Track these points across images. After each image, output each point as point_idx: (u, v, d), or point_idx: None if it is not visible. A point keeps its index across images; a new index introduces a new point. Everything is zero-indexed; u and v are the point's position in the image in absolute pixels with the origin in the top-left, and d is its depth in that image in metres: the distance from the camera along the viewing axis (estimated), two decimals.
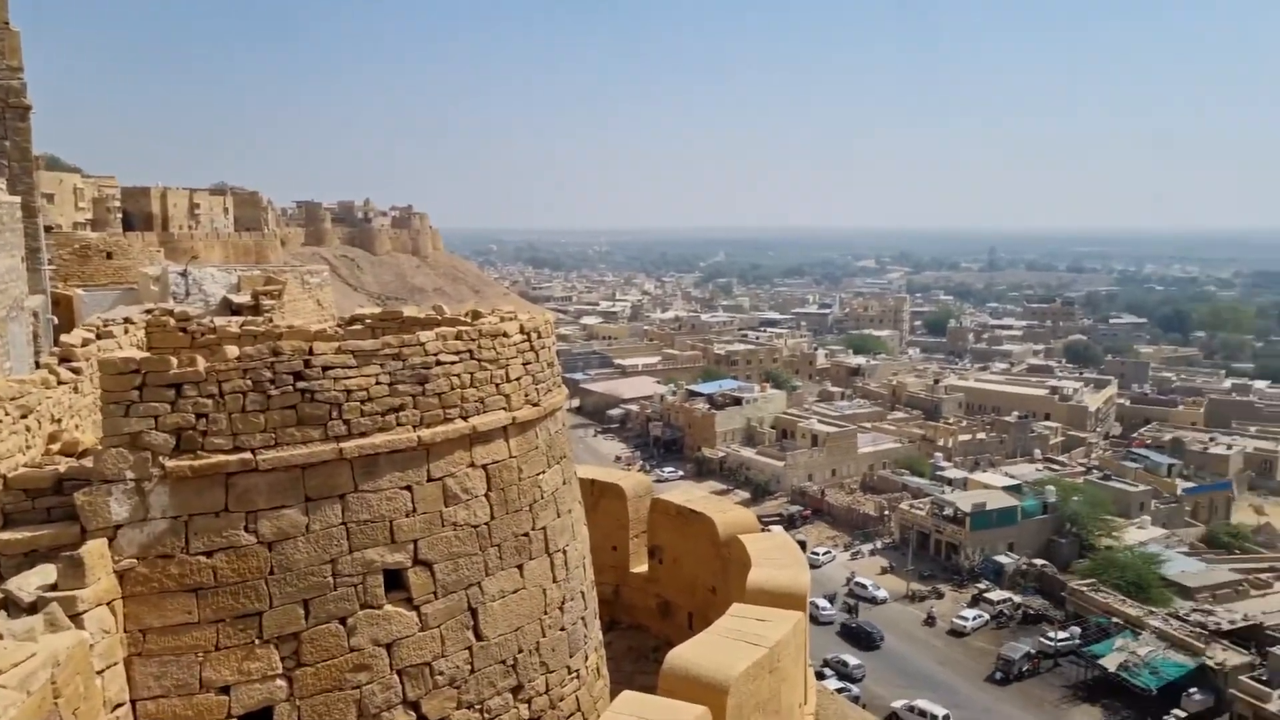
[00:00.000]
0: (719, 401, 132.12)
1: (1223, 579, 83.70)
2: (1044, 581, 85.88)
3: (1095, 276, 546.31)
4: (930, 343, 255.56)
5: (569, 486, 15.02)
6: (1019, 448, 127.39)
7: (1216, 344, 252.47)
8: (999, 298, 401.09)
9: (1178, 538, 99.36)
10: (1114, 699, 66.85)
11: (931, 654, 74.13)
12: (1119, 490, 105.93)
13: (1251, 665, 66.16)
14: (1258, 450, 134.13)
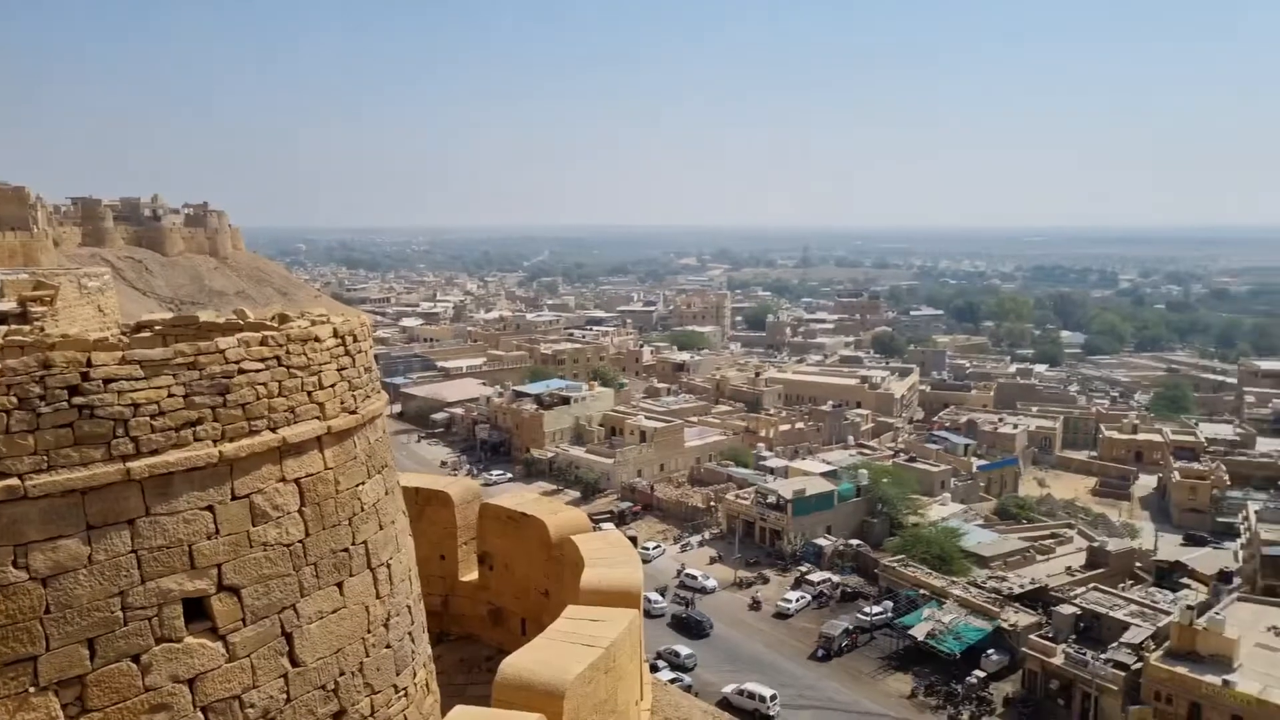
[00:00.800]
0: (547, 401, 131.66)
1: (1013, 547, 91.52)
2: (860, 560, 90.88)
3: (898, 271, 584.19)
4: (751, 337, 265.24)
5: (392, 497, 14.31)
6: (834, 435, 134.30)
7: (1002, 332, 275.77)
8: (813, 293, 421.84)
9: (974, 512, 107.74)
10: (923, 665, 71.60)
11: (759, 637, 76.86)
12: (923, 470, 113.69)
13: (1039, 624, 72.64)
14: (1039, 429, 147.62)
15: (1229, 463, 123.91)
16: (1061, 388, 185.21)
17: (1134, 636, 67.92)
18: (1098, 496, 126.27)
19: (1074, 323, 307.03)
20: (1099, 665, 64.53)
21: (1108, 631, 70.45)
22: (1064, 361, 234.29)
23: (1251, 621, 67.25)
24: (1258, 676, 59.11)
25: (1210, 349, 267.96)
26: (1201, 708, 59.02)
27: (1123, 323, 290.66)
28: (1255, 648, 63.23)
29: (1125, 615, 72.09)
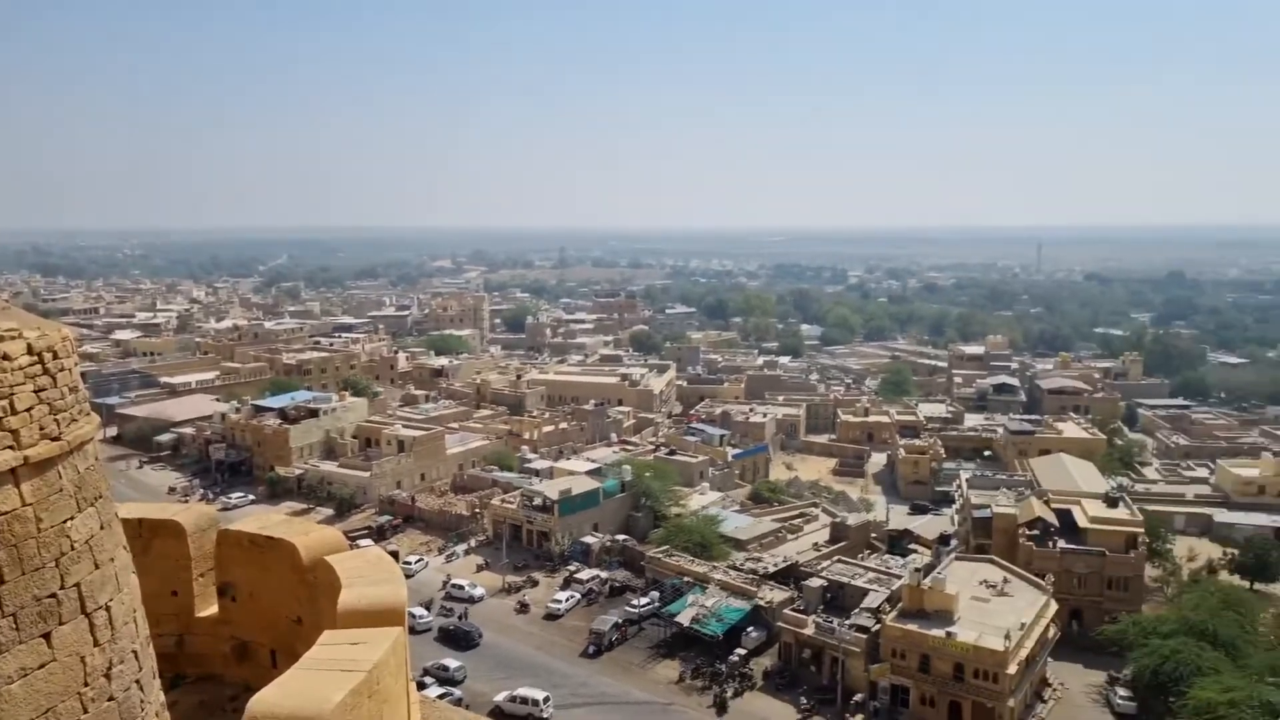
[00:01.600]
0: (292, 415, 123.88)
1: (766, 529, 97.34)
2: (627, 554, 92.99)
3: (652, 271, 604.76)
4: (510, 339, 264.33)
5: (108, 531, 12.69)
6: (598, 433, 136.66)
7: (750, 327, 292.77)
8: (571, 293, 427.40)
9: (731, 498, 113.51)
10: (689, 649, 74.43)
11: (530, 641, 76.64)
12: (682, 462, 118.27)
13: (791, 599, 77.67)
14: (786, 416, 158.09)
15: (944, 438, 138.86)
16: (803, 377, 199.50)
17: (872, 601, 74.32)
18: (838, 476, 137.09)
19: (812, 316, 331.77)
20: (844, 631, 70.00)
21: (851, 599, 76.51)
22: (804, 353, 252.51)
23: (967, 578, 75.61)
24: (973, 626, 66.55)
25: (925, 336, 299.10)
26: (930, 659, 65.59)
27: (853, 315, 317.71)
28: (971, 600, 71.17)
29: (865, 583, 78.62)
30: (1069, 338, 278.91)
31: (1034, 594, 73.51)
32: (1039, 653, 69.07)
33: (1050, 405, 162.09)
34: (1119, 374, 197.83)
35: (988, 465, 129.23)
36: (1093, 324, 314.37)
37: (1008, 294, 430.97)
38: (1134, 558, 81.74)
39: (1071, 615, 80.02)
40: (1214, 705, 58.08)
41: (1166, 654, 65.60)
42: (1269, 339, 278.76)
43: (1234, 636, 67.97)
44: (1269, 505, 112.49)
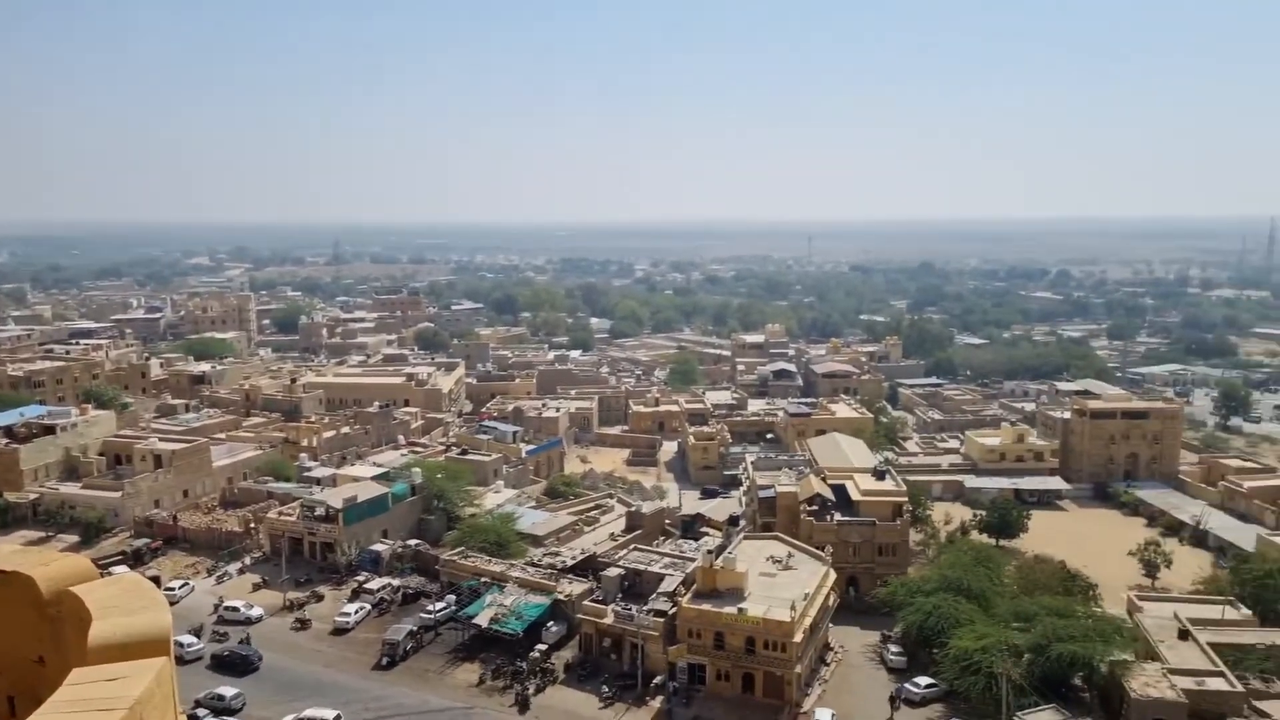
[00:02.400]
0: (22, 433, 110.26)
1: (563, 523, 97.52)
2: (420, 560, 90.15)
3: (435, 267, 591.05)
4: (282, 341, 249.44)
5: None
6: (384, 436, 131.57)
7: (539, 322, 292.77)
8: (348, 291, 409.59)
9: (526, 495, 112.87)
10: (489, 650, 73.19)
11: (317, 659, 72.54)
12: (475, 461, 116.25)
13: (590, 590, 78.24)
14: (578, 410, 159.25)
15: (730, 423, 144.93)
16: (594, 370, 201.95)
17: (669, 586, 76.29)
18: (631, 466, 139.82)
19: (601, 310, 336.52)
20: (642, 617, 71.34)
21: (648, 585, 78.14)
22: (595, 346, 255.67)
23: (755, 555, 79.14)
24: (762, 600, 69.75)
25: (709, 327, 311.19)
26: (724, 635, 68.09)
27: (640, 308, 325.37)
28: (759, 576, 74.50)
29: (661, 568, 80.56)
30: (838, 324, 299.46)
31: (815, 565, 78.01)
32: (821, 620, 73.46)
33: (824, 388, 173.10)
34: (882, 357, 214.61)
35: (770, 447, 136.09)
36: (858, 311, 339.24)
37: (783, 284, 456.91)
38: (900, 525, 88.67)
39: (849, 582, 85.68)
40: (970, 652, 64.40)
41: (929, 610, 71.92)
42: (1004, 321, 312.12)
43: (984, 589, 75.40)
44: (1009, 470, 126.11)
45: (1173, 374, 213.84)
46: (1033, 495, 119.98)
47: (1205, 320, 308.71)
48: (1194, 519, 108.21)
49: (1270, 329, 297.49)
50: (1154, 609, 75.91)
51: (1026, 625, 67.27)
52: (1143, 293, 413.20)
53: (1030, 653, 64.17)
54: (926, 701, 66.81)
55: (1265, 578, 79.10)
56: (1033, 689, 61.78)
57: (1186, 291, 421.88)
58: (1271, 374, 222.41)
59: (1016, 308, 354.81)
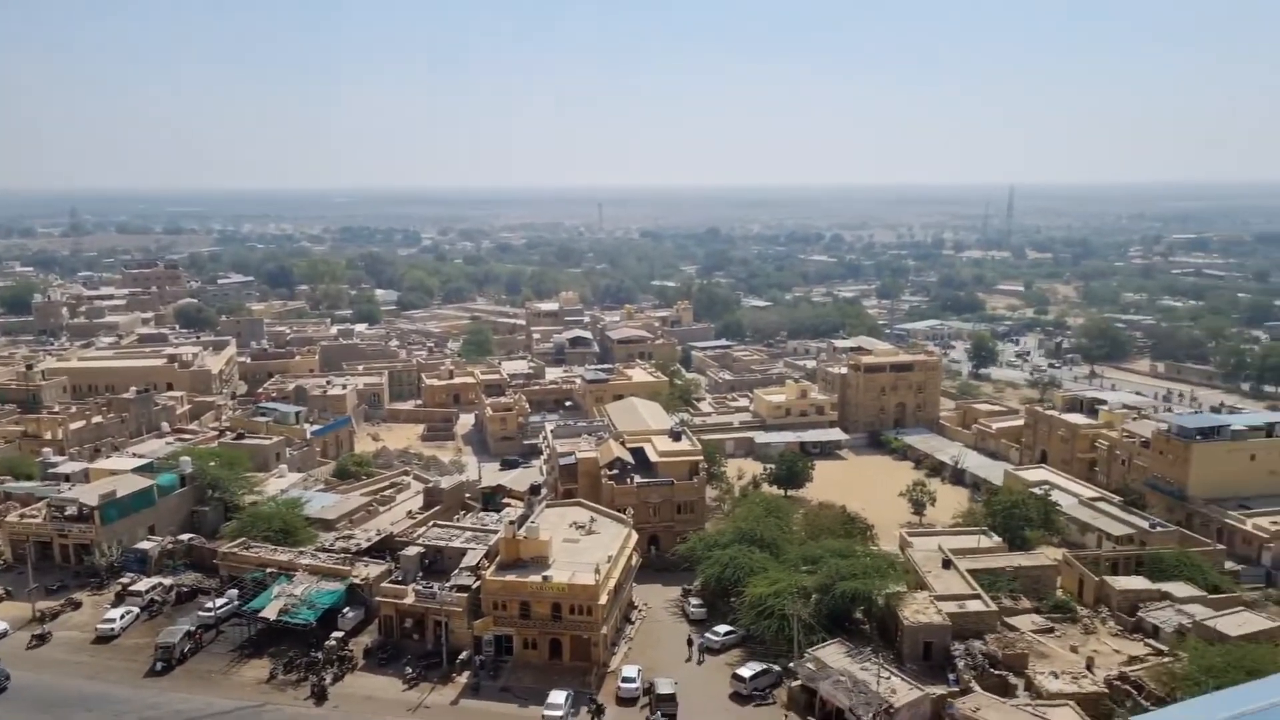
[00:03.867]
0: None
1: (356, 504, 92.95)
2: (195, 555, 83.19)
3: (196, 237, 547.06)
4: (13, 323, 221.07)
5: None
6: (145, 424, 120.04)
7: (319, 295, 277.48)
8: (92, 265, 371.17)
9: (314, 478, 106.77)
10: (281, 643, 68.65)
11: (78, 671, 65.21)
12: (254, 446, 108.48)
13: (389, 571, 75.05)
14: (367, 386, 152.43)
15: (528, 392, 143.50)
16: (383, 344, 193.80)
17: (471, 560, 74.50)
18: (427, 441, 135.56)
19: (386, 281, 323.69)
20: (445, 594, 69.25)
21: (450, 561, 75.93)
22: (382, 319, 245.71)
23: (558, 522, 78.82)
24: (567, 566, 69.53)
25: (502, 295, 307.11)
26: (530, 604, 67.36)
27: (430, 278, 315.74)
28: (563, 543, 74.25)
29: (463, 543, 78.51)
30: (631, 290, 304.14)
31: (618, 528, 78.73)
32: (625, 580, 74.31)
33: (620, 354, 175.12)
34: (674, 321, 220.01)
35: (570, 415, 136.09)
36: (650, 277, 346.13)
37: (576, 252, 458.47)
38: (696, 483, 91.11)
39: (650, 541, 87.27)
40: (764, 597, 67.56)
41: (725, 561, 74.62)
42: (786, 284, 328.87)
43: (775, 538, 79.04)
44: (794, 424, 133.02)
45: (932, 329, 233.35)
46: (816, 447, 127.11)
47: (958, 279, 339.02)
48: (952, 459, 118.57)
49: (1011, 285, 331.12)
50: (922, 543, 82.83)
51: (814, 568, 71.06)
52: (905, 255, 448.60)
53: (817, 593, 67.97)
54: (726, 648, 69.30)
55: (1011, 508, 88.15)
56: (820, 626, 65.62)
57: (942, 253, 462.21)
58: (1012, 325, 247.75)
59: (797, 271, 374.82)
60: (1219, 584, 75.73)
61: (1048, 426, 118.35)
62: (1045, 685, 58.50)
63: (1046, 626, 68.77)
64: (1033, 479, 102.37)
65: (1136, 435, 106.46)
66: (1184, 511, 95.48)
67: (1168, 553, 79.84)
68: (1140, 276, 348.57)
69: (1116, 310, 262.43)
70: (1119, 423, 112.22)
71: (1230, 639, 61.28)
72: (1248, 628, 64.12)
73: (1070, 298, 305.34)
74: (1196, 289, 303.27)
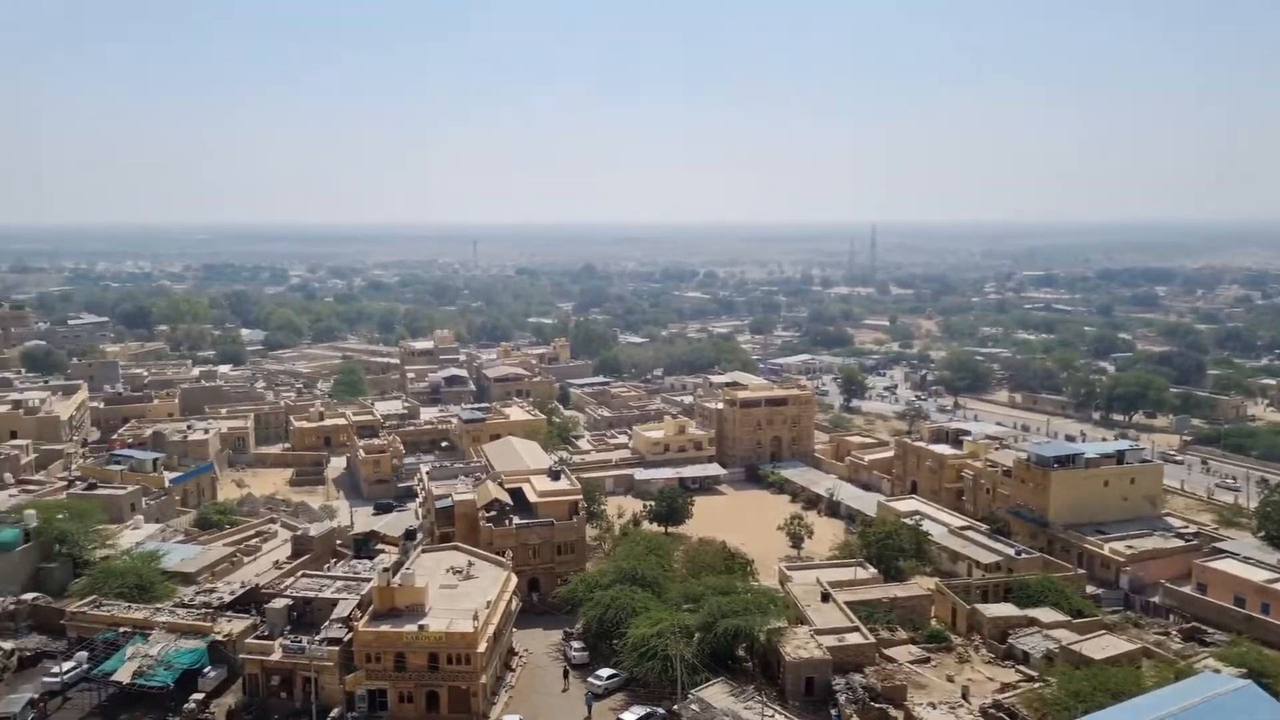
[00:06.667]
0: None
1: (219, 555, 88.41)
2: (39, 615, 77.30)
3: (45, 276, 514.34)
4: None
5: None
6: None
7: (180, 335, 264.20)
8: None
9: (173, 528, 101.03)
10: (135, 709, 64.62)
11: None
12: (107, 496, 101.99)
13: (254, 626, 71.55)
14: (231, 429, 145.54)
15: (402, 433, 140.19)
16: (249, 385, 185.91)
17: (343, 610, 71.72)
18: (296, 486, 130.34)
19: (252, 320, 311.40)
20: (315, 647, 66.49)
21: (320, 613, 72.90)
22: (247, 359, 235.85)
23: (434, 568, 77.03)
24: (444, 614, 67.91)
25: (375, 334, 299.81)
26: (405, 655, 65.39)
27: (298, 316, 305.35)
28: (440, 590, 72.56)
29: (334, 593, 75.57)
30: (507, 328, 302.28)
31: (497, 571, 77.56)
32: (505, 626, 73.14)
33: (497, 392, 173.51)
34: (551, 358, 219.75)
35: (446, 455, 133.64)
36: (526, 314, 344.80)
37: (450, 289, 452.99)
38: (576, 523, 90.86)
39: (530, 584, 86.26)
40: (646, 638, 67.55)
41: (608, 602, 74.36)
42: (661, 320, 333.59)
43: (657, 576, 79.44)
44: (673, 460, 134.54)
45: (804, 363, 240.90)
46: (695, 482, 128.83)
47: (827, 314, 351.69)
48: (827, 491, 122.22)
49: (877, 320, 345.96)
50: (801, 577, 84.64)
51: (696, 606, 71.67)
52: (776, 291, 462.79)
53: (700, 631, 68.54)
54: (609, 692, 68.84)
55: (886, 539, 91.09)
56: (704, 666, 66.03)
57: (811, 289, 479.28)
58: (880, 360, 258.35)
59: (672, 307, 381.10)
60: (1082, 608, 79.01)
61: (916, 457, 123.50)
62: (924, 717, 60.11)
63: (923, 657, 70.68)
64: (904, 509, 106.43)
65: (999, 465, 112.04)
66: (1046, 538, 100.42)
67: (1033, 579, 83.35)
68: (996, 311, 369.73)
69: (975, 344, 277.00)
70: (982, 453, 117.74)
71: (1095, 662, 64.60)
72: (1110, 650, 67.83)
73: (933, 332, 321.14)
74: (1047, 322, 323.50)
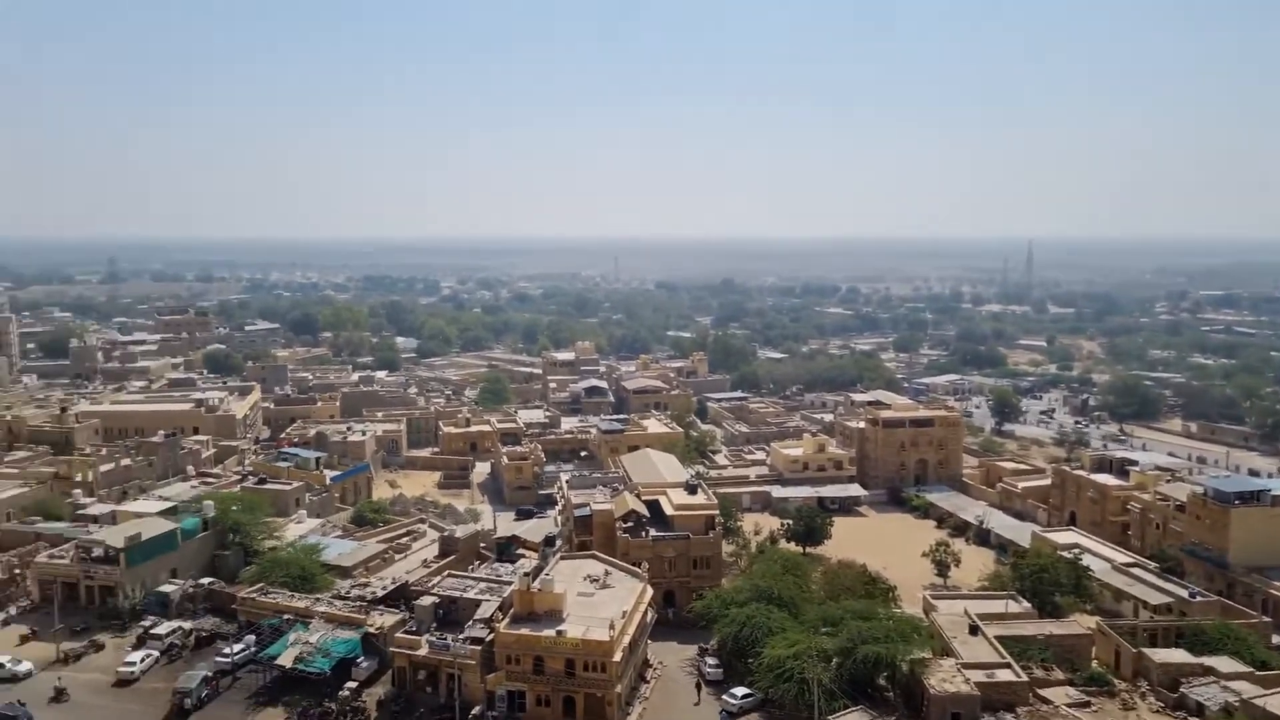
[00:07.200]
0: None
1: (372, 552, 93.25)
2: (215, 599, 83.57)
3: (225, 285, 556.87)
4: (50, 367, 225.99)
5: None
6: (171, 467, 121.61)
7: (342, 342, 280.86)
8: (126, 311, 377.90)
9: (332, 524, 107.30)
10: (295, 692, 68.59)
11: (96, 715, 65.52)
12: (275, 491, 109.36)
13: (403, 621, 75.03)
14: (386, 432, 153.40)
15: (544, 442, 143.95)
16: (402, 391, 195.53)
17: (485, 612, 74.27)
18: (443, 489, 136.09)
19: (407, 328, 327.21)
20: (459, 646, 69.08)
21: (464, 612, 75.77)
22: (401, 366, 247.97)
23: (572, 575, 78.67)
24: (581, 621, 69.24)
25: (519, 344, 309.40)
26: (543, 659, 67.01)
27: (448, 326, 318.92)
28: (577, 597, 74.02)
29: (477, 594, 78.38)
30: (646, 340, 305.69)
31: (632, 582, 78.41)
32: (640, 637, 73.81)
33: (635, 404, 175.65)
34: (689, 372, 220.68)
35: (584, 465, 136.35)
36: (665, 327, 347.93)
37: (592, 302, 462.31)
38: (712, 538, 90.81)
39: (665, 597, 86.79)
40: (782, 659, 66.51)
41: (743, 620, 73.70)
42: (801, 336, 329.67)
43: (794, 596, 78.30)
44: (811, 479, 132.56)
45: (952, 383, 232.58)
46: (834, 502, 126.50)
47: (977, 333, 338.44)
48: (977, 519, 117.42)
49: (1032, 340, 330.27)
50: (946, 606, 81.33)
51: (834, 630, 70.18)
52: (923, 308, 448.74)
53: (838, 656, 66.99)
54: (744, 711, 68.30)
55: (1040, 572, 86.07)
56: (842, 692, 64.57)
57: (960, 307, 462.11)
58: (1035, 382, 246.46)
59: (813, 323, 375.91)
60: (1267, 659, 71.91)
61: (1076, 487, 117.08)
62: None
63: (1082, 700, 65.67)
64: (1062, 541, 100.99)
65: (1171, 498, 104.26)
66: (1225, 580, 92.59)
67: (1210, 624, 76.66)
68: (1167, 333, 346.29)
69: (1144, 367, 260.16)
70: (1152, 485, 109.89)
71: None
72: None
73: (1095, 354, 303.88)
74: (1227, 347, 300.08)
